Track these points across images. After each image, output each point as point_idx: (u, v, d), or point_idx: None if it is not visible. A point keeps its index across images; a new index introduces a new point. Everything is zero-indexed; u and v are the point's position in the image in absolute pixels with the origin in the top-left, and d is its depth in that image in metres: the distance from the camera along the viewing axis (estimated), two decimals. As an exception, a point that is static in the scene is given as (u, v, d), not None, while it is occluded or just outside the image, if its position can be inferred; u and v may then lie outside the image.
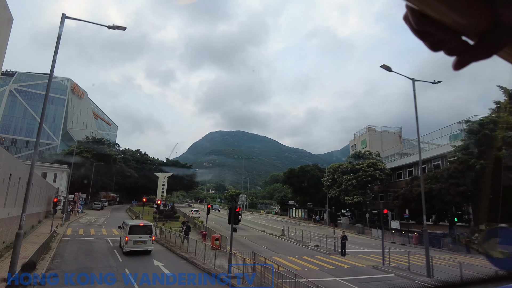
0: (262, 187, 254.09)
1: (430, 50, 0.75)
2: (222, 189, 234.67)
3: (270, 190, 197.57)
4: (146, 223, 22.40)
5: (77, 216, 49.12)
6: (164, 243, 26.68)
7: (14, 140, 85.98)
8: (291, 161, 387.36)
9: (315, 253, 26.05)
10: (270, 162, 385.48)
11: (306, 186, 65.59)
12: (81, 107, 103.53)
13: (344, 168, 54.59)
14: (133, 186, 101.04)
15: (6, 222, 21.78)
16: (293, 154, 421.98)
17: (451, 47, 0.73)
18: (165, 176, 74.03)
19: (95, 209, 67.75)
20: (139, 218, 47.73)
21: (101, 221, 45.98)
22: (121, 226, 24.95)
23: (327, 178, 57.19)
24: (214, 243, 24.48)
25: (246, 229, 42.50)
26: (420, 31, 0.72)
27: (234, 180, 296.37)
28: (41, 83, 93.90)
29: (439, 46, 0.74)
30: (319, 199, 64.18)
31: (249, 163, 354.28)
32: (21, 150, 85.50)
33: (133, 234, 21.17)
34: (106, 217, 52.05)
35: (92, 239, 28.30)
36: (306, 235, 34.48)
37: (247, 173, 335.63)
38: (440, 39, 0.72)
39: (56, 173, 63.82)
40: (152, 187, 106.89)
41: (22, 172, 26.22)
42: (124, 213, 68.95)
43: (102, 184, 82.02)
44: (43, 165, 64.79)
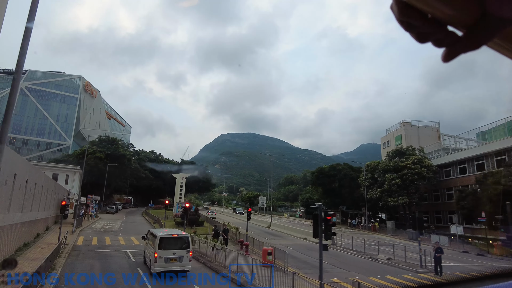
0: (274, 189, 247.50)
1: (417, 42, 0.72)
2: (234, 191, 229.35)
3: (285, 192, 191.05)
4: (181, 234, 16.53)
5: (90, 221, 43.71)
6: (198, 257, 20.80)
7: (25, 140, 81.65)
8: (303, 163, 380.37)
9: (395, 270, 19.84)
10: (282, 164, 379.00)
11: (337, 186, 59.17)
12: (94, 107, 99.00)
13: (386, 166, 48.10)
14: (148, 189, 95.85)
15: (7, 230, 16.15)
16: (304, 156, 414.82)
17: (438, 39, 0.70)
18: (183, 177, 68.17)
19: (109, 212, 62.55)
20: (159, 223, 42.08)
21: (117, 226, 40.43)
22: (145, 236, 19.19)
23: (365, 177, 50.72)
24: (266, 259, 18.51)
25: (282, 236, 36.44)
26: (405, 22, 0.68)
27: (245, 182, 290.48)
28: (52, 81, 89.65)
29: (426, 37, 0.70)
30: (353, 201, 57.73)
31: (261, 165, 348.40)
32: (32, 151, 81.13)
33: (165, 249, 15.32)
34: (122, 222, 46.57)
35: (108, 251, 22.59)
36: (358, 244, 28.48)
37: (259, 175, 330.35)
38: (426, 30, 0.69)
39: (68, 175, 58.73)
40: (167, 189, 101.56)
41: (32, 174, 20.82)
42: (140, 216, 63.55)
43: (116, 186, 76.91)
44: (53, 166, 59.88)
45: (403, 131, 63.54)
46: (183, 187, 68.37)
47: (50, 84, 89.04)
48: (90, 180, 67.06)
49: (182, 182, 68.28)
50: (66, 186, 54.12)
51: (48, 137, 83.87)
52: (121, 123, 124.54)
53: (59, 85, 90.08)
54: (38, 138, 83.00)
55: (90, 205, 46.86)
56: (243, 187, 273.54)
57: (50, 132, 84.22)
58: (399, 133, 64.67)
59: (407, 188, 45.63)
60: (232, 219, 56.61)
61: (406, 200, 44.90)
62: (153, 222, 46.40)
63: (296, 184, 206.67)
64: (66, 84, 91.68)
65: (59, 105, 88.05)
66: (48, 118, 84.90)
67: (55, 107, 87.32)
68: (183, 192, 68.35)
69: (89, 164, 63.51)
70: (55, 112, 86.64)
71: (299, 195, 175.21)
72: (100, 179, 64.13)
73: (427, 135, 62.59)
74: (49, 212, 32.20)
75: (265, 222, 51.61)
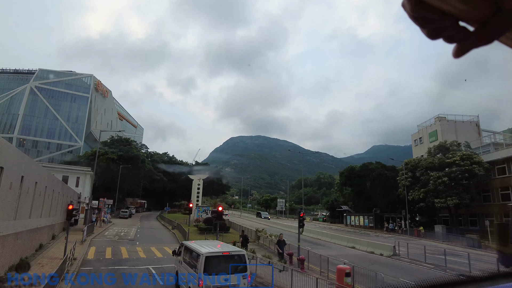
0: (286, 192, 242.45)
1: (428, 38, 0.71)
2: (246, 194, 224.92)
3: (299, 194, 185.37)
4: (234, 251, 11.41)
5: (102, 227, 38.98)
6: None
7: (35, 142, 77.75)
8: (314, 165, 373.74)
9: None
10: (292, 167, 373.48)
11: (369, 187, 53.56)
12: (105, 107, 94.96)
13: (430, 163, 42.48)
14: (162, 191, 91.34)
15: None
16: (315, 158, 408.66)
17: (450, 35, 0.69)
18: (200, 178, 63.41)
19: (122, 217, 57.98)
20: (179, 228, 37.17)
21: (132, 233, 35.60)
22: (177, 251, 14.18)
23: (406, 176, 45.14)
24: (343, 281, 13.34)
25: (324, 244, 31.14)
26: (418, 18, 0.67)
27: (256, 185, 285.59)
28: (63, 80, 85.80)
29: (438, 33, 0.69)
30: (389, 203, 52.13)
31: (271, 168, 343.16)
32: (42, 153, 77.18)
33: (215, 274, 10.27)
34: (137, 228, 41.77)
35: (126, 267, 17.64)
36: (417, 253, 23.37)
37: (269, 177, 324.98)
38: (438, 26, 0.68)
39: (79, 177, 54.42)
40: (181, 192, 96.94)
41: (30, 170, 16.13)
42: (156, 221, 58.84)
43: (128, 189, 72.49)
44: (63, 167, 55.67)
45: (438, 126, 57.80)
46: (200, 189, 63.60)
47: (61, 83, 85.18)
48: (102, 182, 62.73)
49: (199, 184, 63.53)
50: (76, 189, 49.81)
51: (58, 138, 79.86)
52: (133, 124, 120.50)
53: (69, 84, 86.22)
54: (48, 140, 79.05)
55: (103, 209, 42.21)
56: (254, 190, 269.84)
57: (60, 133, 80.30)
58: (433, 128, 58.96)
59: (456, 188, 40.01)
60: (259, 225, 51.08)
61: (456, 201, 39.23)
62: (171, 228, 41.52)
63: (310, 186, 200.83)
64: (76, 83, 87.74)
65: (69, 105, 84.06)
66: (58, 118, 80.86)
67: (66, 107, 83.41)
68: (200, 194, 63.58)
69: (100, 166, 59.16)
70: (66, 113, 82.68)
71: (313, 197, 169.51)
72: (112, 182, 59.76)
73: (465, 130, 56.81)
74: (56, 218, 27.51)
75: (291, 226, 46.37)
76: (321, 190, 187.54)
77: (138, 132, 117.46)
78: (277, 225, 48.76)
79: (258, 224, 48.96)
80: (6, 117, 76.94)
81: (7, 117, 76.83)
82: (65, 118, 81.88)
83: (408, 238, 40.83)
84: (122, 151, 64.35)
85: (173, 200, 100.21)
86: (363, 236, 38.55)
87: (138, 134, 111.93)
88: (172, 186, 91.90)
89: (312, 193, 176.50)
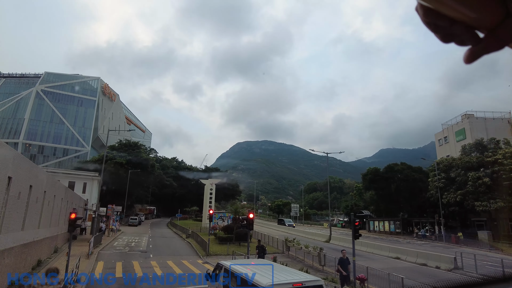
0: (294, 197, 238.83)
1: (441, 42, 0.72)
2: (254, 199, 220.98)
3: (309, 199, 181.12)
4: (307, 279, 7.72)
5: (111, 237, 35.54)
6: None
7: (41, 147, 74.91)
8: (321, 170, 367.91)
9: None
10: (299, 171, 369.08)
11: (394, 190, 49.52)
12: (113, 111, 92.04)
13: (467, 163, 38.46)
14: (171, 197, 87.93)
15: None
16: (322, 163, 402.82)
17: (462, 39, 0.70)
18: (212, 183, 59.93)
19: (131, 225, 54.63)
20: (195, 237, 33.62)
21: (144, 243, 32.08)
22: (215, 274, 10.52)
23: (438, 177, 41.12)
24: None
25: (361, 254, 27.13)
26: (430, 23, 0.68)
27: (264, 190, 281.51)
28: (69, 83, 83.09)
29: (450, 38, 0.70)
30: (418, 207, 48.04)
31: (278, 173, 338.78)
32: (48, 159, 74.28)
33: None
34: (148, 237, 38.28)
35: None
36: (468, 265, 19.47)
37: (277, 182, 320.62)
38: (450, 32, 0.68)
39: (86, 182, 51.26)
40: (191, 198, 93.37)
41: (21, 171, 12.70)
42: (167, 229, 55.35)
43: (137, 195, 69.17)
44: (69, 172, 52.58)
45: (466, 124, 53.77)
46: (213, 194, 60.16)
47: (67, 87, 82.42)
48: (110, 188, 59.50)
49: (212, 189, 60.11)
50: (83, 196, 46.62)
51: (65, 143, 76.89)
52: (142, 129, 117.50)
53: (76, 87, 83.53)
54: (54, 145, 76.14)
55: (111, 217, 38.79)
56: (262, 195, 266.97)
57: (67, 137, 77.37)
58: (461, 126, 54.96)
59: (498, 189, 35.93)
60: (282, 233, 46.74)
61: (501, 204, 35.14)
62: (185, 237, 37.93)
63: (320, 191, 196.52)
64: (83, 86, 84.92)
65: (76, 108, 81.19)
66: (65, 122, 77.98)
67: (72, 110, 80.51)
68: (213, 199, 60.08)
69: (108, 171, 55.93)
70: (72, 117, 79.79)
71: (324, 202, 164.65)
72: (120, 188, 56.49)
73: (496, 127, 52.69)
74: (59, 228, 24.07)
75: (314, 234, 42.54)
76: (332, 195, 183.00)
77: (146, 137, 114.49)
78: (299, 232, 44.83)
79: (280, 232, 45.25)
80: (12, 122, 74.28)
81: (12, 122, 74.18)
82: (71, 122, 79.03)
83: (446, 245, 36.70)
84: (131, 155, 61.14)
85: (183, 206, 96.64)
86: (396, 243, 34.58)
87: (146, 139, 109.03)
88: (182, 192, 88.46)
89: (323, 197, 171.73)
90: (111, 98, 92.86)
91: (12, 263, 13.35)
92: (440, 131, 61.20)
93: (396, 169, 50.23)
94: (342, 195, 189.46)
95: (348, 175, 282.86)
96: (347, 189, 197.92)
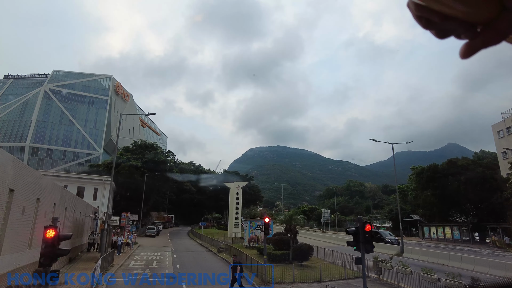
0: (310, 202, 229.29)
1: (437, 38, 0.69)
2: (270, 206, 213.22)
3: (330, 204, 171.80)
4: None
5: (125, 253, 28.09)
6: None
7: (49, 150, 68.44)
8: (336, 174, 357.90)
9: None
10: (314, 176, 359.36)
11: (454, 190, 40.83)
12: (126, 112, 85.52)
13: None
14: (189, 204, 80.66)
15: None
16: (337, 167, 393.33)
17: (458, 34, 0.67)
18: (238, 186, 52.34)
19: (149, 235, 47.32)
20: (229, 252, 25.89)
21: (168, 262, 24.48)
22: None
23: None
24: None
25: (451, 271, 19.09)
26: (421, 19, 0.65)
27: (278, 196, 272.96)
28: (79, 82, 76.95)
29: (446, 33, 0.68)
30: (489, 211, 39.39)
31: (292, 178, 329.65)
32: (57, 163, 67.73)
33: None
34: (172, 252, 30.76)
35: None
36: None
37: (291, 188, 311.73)
38: (444, 27, 0.66)
39: (97, 188, 44.37)
40: (209, 204, 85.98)
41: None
42: (189, 239, 47.92)
43: (154, 202, 62.00)
44: (78, 177, 45.76)
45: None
46: (240, 198, 52.53)
47: (77, 86, 76.08)
48: (124, 194, 52.52)
49: (238, 193, 52.48)
50: (93, 203, 39.63)
51: (75, 146, 70.30)
52: (157, 132, 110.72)
53: (86, 86, 77.06)
54: (64, 148, 69.60)
55: (126, 227, 31.37)
56: (278, 200, 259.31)
57: (77, 140, 70.87)
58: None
59: None
60: (338, 246, 38.61)
61: None
62: (217, 251, 30.20)
63: (340, 195, 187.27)
64: (94, 85, 78.48)
65: (87, 109, 74.70)
66: (75, 124, 71.47)
67: (82, 111, 74.13)
68: (239, 205, 52.45)
69: (122, 174, 48.98)
70: (83, 117, 73.24)
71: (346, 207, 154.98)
72: (136, 193, 49.44)
73: None
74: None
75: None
76: (353, 199, 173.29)
77: (161, 141, 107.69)
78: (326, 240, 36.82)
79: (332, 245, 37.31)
80: (18, 124, 68.17)
81: (19, 125, 68.06)
82: (82, 123, 72.49)
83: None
84: (146, 157, 54.07)
85: (201, 213, 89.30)
86: (474, 254, 26.26)
87: (161, 143, 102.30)
88: (200, 198, 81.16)
89: (345, 202, 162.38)
90: (124, 98, 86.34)
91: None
92: (499, 121, 52.45)
93: (461, 165, 41.60)
94: (364, 199, 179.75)
95: (365, 179, 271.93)
96: (368, 193, 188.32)
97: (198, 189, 79.42)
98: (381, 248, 30.10)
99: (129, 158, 53.34)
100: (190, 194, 76.68)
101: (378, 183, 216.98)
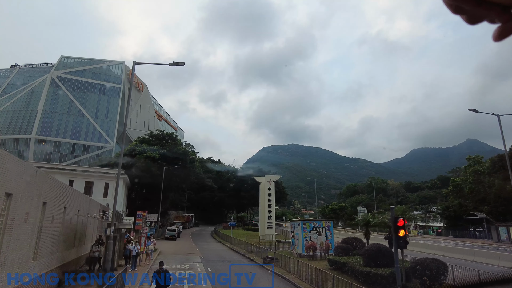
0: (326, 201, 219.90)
1: (468, 24, 0.67)
2: (288, 205, 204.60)
3: (352, 202, 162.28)
4: None
5: (142, 266, 20.30)
6: None
7: (57, 143, 61.66)
8: (352, 172, 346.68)
9: None
10: (330, 174, 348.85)
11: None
12: (141, 103, 78.21)
13: None
14: (209, 202, 73.12)
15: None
16: (353, 165, 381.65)
17: (491, 18, 0.65)
18: (270, 180, 44.34)
19: (169, 238, 39.67)
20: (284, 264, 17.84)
21: (203, 282, 16.47)
22: None
23: None
24: None
25: None
26: (453, 5, 0.64)
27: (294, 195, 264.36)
28: (89, 69, 70.44)
29: (478, 19, 0.66)
30: None
31: (308, 176, 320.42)
32: (66, 157, 60.96)
33: None
34: (203, 262, 22.95)
35: None
36: None
37: (307, 186, 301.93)
38: (477, 13, 0.64)
39: (108, 183, 36.93)
40: (230, 202, 78.34)
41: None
42: (215, 242, 40.17)
43: (173, 199, 54.53)
44: (86, 169, 38.52)
45: None
46: (272, 195, 44.48)
47: (87, 72, 69.51)
48: (139, 191, 45.18)
49: (271, 188, 44.42)
50: (104, 200, 32.25)
51: (85, 138, 63.51)
52: (173, 126, 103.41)
53: (97, 73, 70.67)
54: (73, 140, 62.79)
55: (143, 231, 23.54)
56: (295, 199, 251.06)
57: (87, 132, 64.02)
58: None
59: None
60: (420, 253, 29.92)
61: None
62: (263, 262, 22.11)
63: (362, 193, 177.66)
64: (105, 72, 71.66)
65: (98, 97, 68.04)
66: (85, 114, 64.69)
67: (93, 100, 67.64)
68: (272, 202, 44.37)
69: (137, 167, 41.53)
70: (93, 107, 66.80)
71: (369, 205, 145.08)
72: (153, 190, 42.05)
73: None
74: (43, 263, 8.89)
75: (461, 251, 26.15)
76: (377, 197, 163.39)
77: (178, 136, 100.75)
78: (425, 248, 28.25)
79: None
80: (24, 114, 61.70)
81: (24, 115, 61.56)
82: (92, 114, 65.55)
83: None
84: (165, 148, 46.56)
85: (220, 212, 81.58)
86: None
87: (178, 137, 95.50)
88: (221, 196, 73.58)
89: (368, 200, 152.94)
90: (139, 88, 79.34)
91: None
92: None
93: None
94: (387, 197, 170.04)
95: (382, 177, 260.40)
96: (390, 190, 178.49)
97: (219, 186, 72.00)
98: (455, 253, 21.40)
99: (145, 149, 45.94)
100: (210, 191, 69.12)
101: (396, 181, 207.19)
